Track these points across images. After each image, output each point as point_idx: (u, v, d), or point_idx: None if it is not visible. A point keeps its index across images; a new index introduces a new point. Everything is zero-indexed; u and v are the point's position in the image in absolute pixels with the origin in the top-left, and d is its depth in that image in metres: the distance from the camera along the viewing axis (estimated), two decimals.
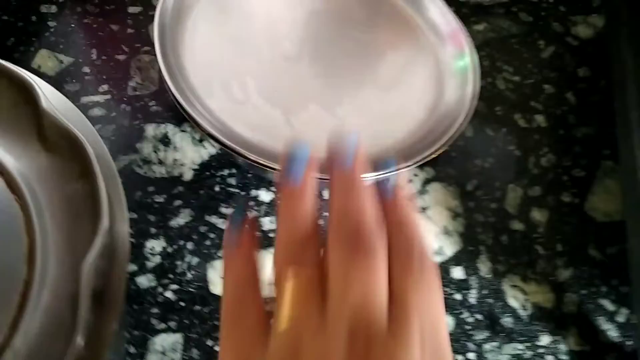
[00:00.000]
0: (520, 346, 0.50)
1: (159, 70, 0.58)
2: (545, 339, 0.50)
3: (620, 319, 0.52)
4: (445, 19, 0.61)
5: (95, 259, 0.30)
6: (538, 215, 0.57)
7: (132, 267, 0.47)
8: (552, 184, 0.60)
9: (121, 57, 0.59)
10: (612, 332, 0.52)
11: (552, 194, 0.59)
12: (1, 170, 0.33)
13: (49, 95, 0.37)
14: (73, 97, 0.54)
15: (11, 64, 0.36)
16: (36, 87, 0.35)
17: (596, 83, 0.68)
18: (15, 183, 0.33)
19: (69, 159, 0.34)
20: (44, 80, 0.40)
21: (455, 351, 0.48)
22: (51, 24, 0.59)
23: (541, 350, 0.50)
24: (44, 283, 0.31)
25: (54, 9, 0.60)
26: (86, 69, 0.57)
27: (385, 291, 0.24)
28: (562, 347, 0.50)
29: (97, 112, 0.54)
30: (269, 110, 0.51)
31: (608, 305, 0.53)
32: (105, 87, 0.56)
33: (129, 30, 0.61)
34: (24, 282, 0.31)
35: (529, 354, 0.49)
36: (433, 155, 0.49)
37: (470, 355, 0.48)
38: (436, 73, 0.59)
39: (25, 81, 0.35)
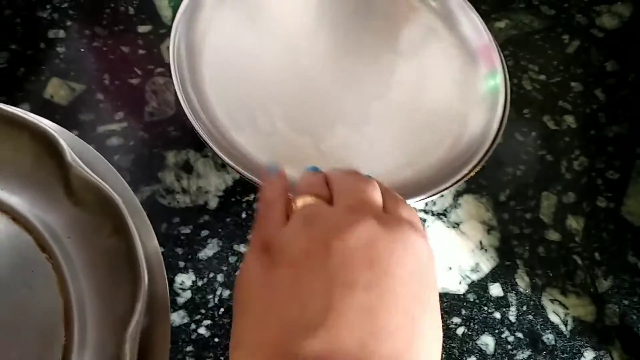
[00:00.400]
0: None
1: (175, 93, 0.57)
2: (589, 355, 0.49)
3: None
4: (477, 34, 0.58)
5: (138, 324, 0.29)
6: (574, 223, 0.55)
7: None
8: (587, 188, 0.58)
9: (135, 81, 0.57)
10: None
11: (587, 200, 0.57)
12: (29, 228, 0.32)
13: (71, 144, 0.35)
14: (89, 127, 0.53)
15: (32, 115, 0.35)
16: (60, 140, 0.33)
17: (625, 77, 0.66)
18: (44, 241, 0.32)
19: (99, 214, 0.33)
20: (58, 111, 0.39)
21: None
22: (60, 49, 0.58)
23: None
24: (83, 347, 0.30)
25: (62, 34, 0.58)
26: (100, 96, 0.55)
27: (381, 202, 0.30)
28: None
29: (114, 141, 0.53)
30: (298, 140, 0.50)
31: None
32: (121, 114, 0.55)
33: (141, 52, 0.59)
34: (62, 346, 0.30)
35: None
36: (463, 180, 0.48)
37: None
38: (465, 90, 0.56)
39: (48, 134, 0.33)
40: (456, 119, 0.54)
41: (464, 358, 0.47)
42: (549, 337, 0.49)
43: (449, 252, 0.53)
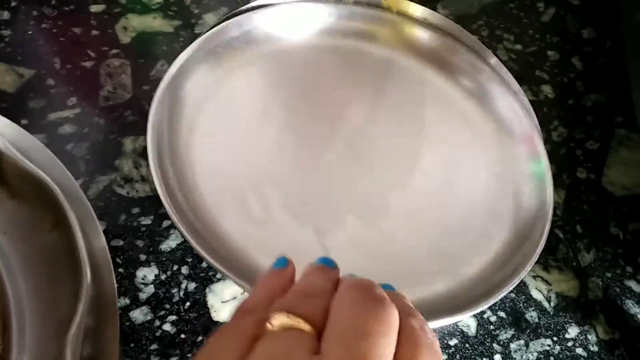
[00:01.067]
0: (548, 341, 0.47)
1: (132, 75, 0.53)
2: (573, 331, 0.47)
3: None
4: (517, 116, 0.49)
5: (80, 326, 0.26)
6: (555, 196, 0.53)
7: (124, 301, 0.43)
8: (566, 160, 0.56)
9: (88, 64, 0.53)
10: None
11: (567, 171, 0.55)
12: None
13: (9, 133, 0.32)
14: (39, 116, 0.50)
15: None
16: None
17: (602, 44, 0.64)
18: None
19: (38, 207, 0.30)
20: (4, 98, 0.35)
21: (481, 354, 0.45)
22: (5, 32, 0.54)
23: (570, 344, 0.47)
24: (22, 352, 0.27)
25: (6, 15, 0.55)
26: (50, 81, 0.52)
27: (392, 355, 0.21)
28: (591, 337, 0.47)
29: (67, 129, 0.49)
30: (297, 230, 0.41)
31: (635, 286, 0.50)
32: (73, 99, 0.51)
33: (94, 32, 0.55)
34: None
35: (557, 348, 0.46)
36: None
37: (497, 357, 0.45)
38: (504, 182, 0.47)
39: None
40: (494, 218, 0.45)
41: (446, 340, 0.45)
42: (532, 315, 0.48)
43: None
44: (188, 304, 0.44)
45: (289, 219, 0.42)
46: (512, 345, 0.46)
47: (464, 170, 0.48)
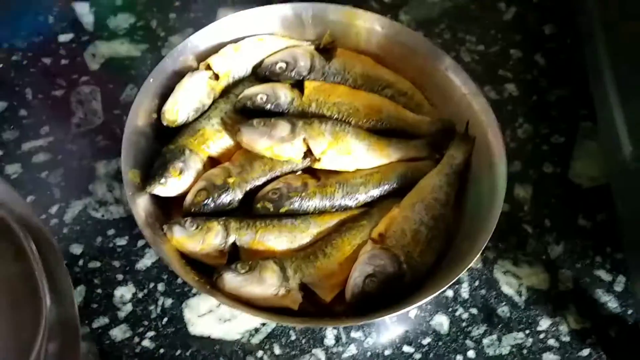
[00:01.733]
0: (520, 335, 0.48)
1: (102, 101, 0.55)
2: (544, 323, 0.48)
3: (618, 288, 0.50)
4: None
5: (39, 352, 0.27)
6: (522, 192, 0.55)
7: (104, 320, 0.44)
8: (532, 155, 0.57)
9: (59, 93, 0.55)
10: (612, 304, 0.50)
11: (533, 167, 0.56)
12: None
13: None
14: (14, 146, 0.51)
15: None
16: None
17: (564, 39, 0.65)
18: None
19: (1, 240, 0.31)
20: None
21: (454, 351, 0.46)
22: None
23: (542, 336, 0.48)
24: None
25: None
26: (23, 112, 0.53)
27: None
28: (563, 328, 0.48)
29: (41, 157, 0.51)
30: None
31: (604, 275, 0.51)
32: (46, 128, 0.52)
33: (63, 62, 0.57)
34: None
35: (529, 341, 0.47)
36: None
37: (470, 353, 0.46)
38: None
39: None
40: None
41: (419, 340, 0.46)
42: (503, 310, 0.49)
43: None
44: (165, 319, 0.45)
45: None
46: (485, 341, 0.47)
47: None
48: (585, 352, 0.47)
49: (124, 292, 0.46)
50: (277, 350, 0.45)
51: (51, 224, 0.47)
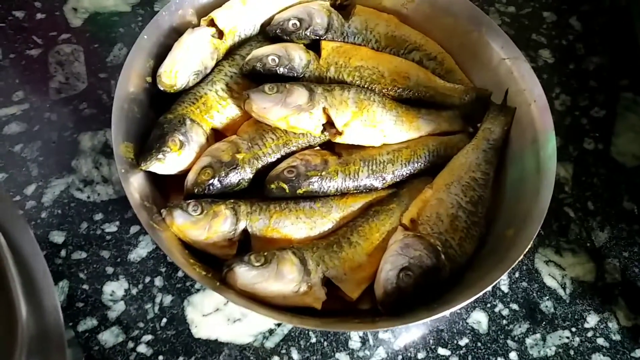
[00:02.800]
0: (566, 333, 0.42)
1: (86, 63, 0.47)
2: (592, 319, 0.43)
3: None
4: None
5: None
6: (562, 171, 0.49)
7: (91, 322, 0.38)
8: (572, 130, 0.51)
9: (34, 52, 0.47)
10: None
11: (573, 143, 0.50)
12: None
13: None
14: None
15: None
16: None
17: (601, 2, 0.59)
18: None
19: None
20: None
21: (494, 353, 0.41)
22: None
23: (590, 334, 0.42)
24: None
25: None
26: None
27: None
28: (612, 325, 0.43)
29: (14, 128, 0.43)
30: None
31: None
32: (20, 94, 0.45)
33: (39, 16, 0.49)
34: None
35: (577, 340, 0.42)
36: None
37: (512, 355, 0.41)
38: None
39: None
40: None
41: (455, 341, 0.41)
42: (547, 305, 0.43)
43: None
44: (164, 320, 0.39)
45: None
46: (528, 341, 0.42)
47: None
48: (639, 352, 0.42)
49: (115, 288, 0.39)
50: (295, 355, 0.39)
51: (27, 208, 0.40)
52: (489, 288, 0.36)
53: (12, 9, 0.48)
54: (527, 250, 0.37)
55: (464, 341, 0.41)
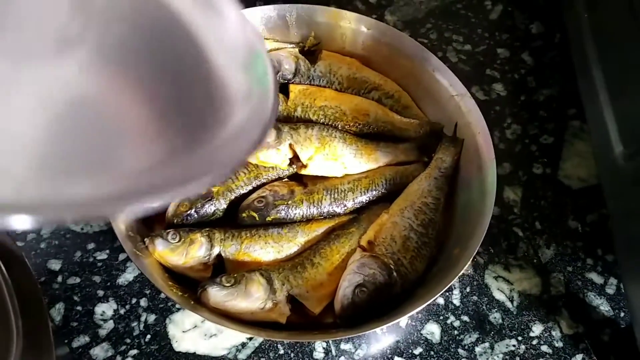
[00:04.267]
0: (512, 342, 0.47)
1: None
2: (537, 329, 0.48)
3: (610, 290, 0.50)
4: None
5: None
6: (512, 194, 0.54)
7: (84, 339, 0.43)
8: (521, 157, 0.56)
9: None
10: (604, 307, 0.49)
11: (522, 168, 0.56)
12: None
13: None
14: None
15: None
16: None
17: (552, 38, 0.65)
18: None
19: None
20: None
21: None
22: None
23: (534, 342, 0.47)
24: None
25: None
26: None
27: None
28: (556, 333, 0.48)
29: None
30: None
31: (596, 278, 0.50)
32: None
33: None
34: None
35: (522, 348, 0.47)
36: None
37: None
38: None
39: None
40: None
41: (410, 350, 0.45)
42: (495, 317, 0.48)
43: None
44: (149, 336, 0.43)
45: None
46: (477, 349, 0.46)
47: None
48: (579, 357, 0.47)
49: (105, 309, 0.44)
50: None
51: (28, 239, 0.46)
52: (431, 301, 0.40)
53: None
54: (467, 266, 0.42)
55: (418, 350, 0.46)
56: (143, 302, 0.45)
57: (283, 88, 0.52)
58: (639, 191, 0.43)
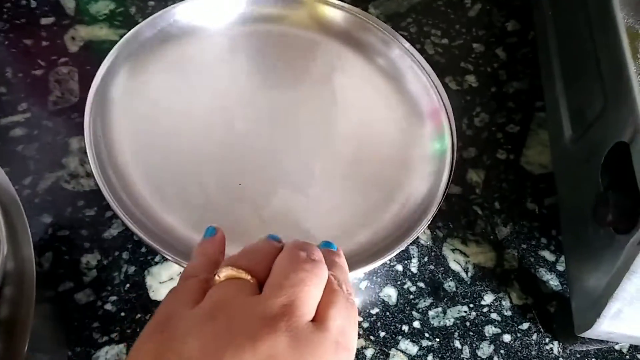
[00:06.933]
0: (464, 308, 0.51)
1: (79, 81, 0.58)
2: (488, 298, 0.51)
3: (561, 267, 0.54)
4: (427, 95, 0.55)
5: None
6: (474, 176, 0.58)
7: (69, 284, 0.47)
8: (487, 143, 0.60)
9: (38, 72, 0.58)
10: (553, 282, 0.53)
11: (487, 153, 0.59)
12: None
13: None
14: None
15: None
16: None
17: (525, 35, 0.68)
18: None
19: None
20: None
21: (400, 321, 0.49)
22: None
23: (485, 310, 0.51)
24: None
25: None
26: (2, 89, 0.56)
27: (318, 300, 0.26)
28: (506, 303, 0.51)
29: (18, 132, 0.54)
30: (236, 209, 0.46)
31: (548, 255, 0.54)
32: (24, 105, 0.55)
33: (44, 43, 0.59)
34: None
35: (473, 314, 0.50)
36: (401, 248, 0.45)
37: (416, 323, 0.49)
38: (411, 147, 0.52)
39: None
40: (406, 170, 0.51)
41: (368, 310, 0.49)
42: (450, 285, 0.52)
43: None
44: (128, 285, 0.48)
45: (226, 200, 0.46)
46: (431, 313, 0.50)
47: (376, 131, 0.53)
48: (525, 325, 0.50)
49: (90, 259, 0.48)
50: None
51: (24, 194, 0.50)
52: (388, 257, 0.44)
53: (23, 37, 0.59)
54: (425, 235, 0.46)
55: (375, 310, 0.49)
56: (125, 255, 0.49)
57: None
58: (580, 171, 0.47)
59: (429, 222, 0.46)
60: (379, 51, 0.57)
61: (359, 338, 0.48)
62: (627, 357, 0.51)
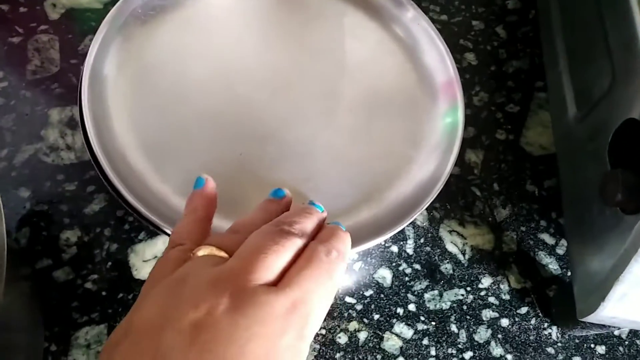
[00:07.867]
0: (461, 291, 0.49)
1: (60, 50, 0.55)
2: (486, 281, 0.50)
3: (560, 251, 0.52)
4: (442, 67, 0.51)
5: None
6: (473, 156, 0.56)
7: (47, 262, 0.45)
8: (486, 122, 0.58)
9: (16, 40, 0.54)
10: (553, 266, 0.51)
11: (486, 133, 0.57)
12: None
13: None
14: None
15: None
16: None
17: (526, 14, 0.66)
18: None
19: None
20: None
21: (395, 304, 0.47)
22: None
23: (482, 293, 0.49)
24: None
25: None
26: None
27: (283, 269, 0.26)
28: (504, 286, 0.50)
29: None
30: (235, 180, 0.43)
31: (548, 239, 0.52)
32: (0, 74, 0.52)
33: (22, 9, 0.56)
34: None
35: (470, 298, 0.49)
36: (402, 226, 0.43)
37: (411, 306, 0.47)
38: (421, 122, 0.49)
39: None
40: (412, 145, 0.48)
41: (362, 292, 0.47)
42: (446, 267, 0.50)
43: None
44: (110, 263, 0.45)
45: (226, 170, 0.43)
46: (427, 295, 0.48)
47: (383, 103, 0.49)
48: (524, 309, 0.49)
49: (70, 235, 0.46)
50: None
51: (0, 167, 0.47)
52: (385, 238, 0.42)
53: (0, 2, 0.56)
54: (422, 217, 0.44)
55: (369, 292, 0.48)
56: (107, 232, 0.46)
57: None
58: (585, 151, 0.45)
59: (432, 199, 0.43)
60: (393, 16, 0.53)
61: (351, 320, 0.46)
62: (626, 342, 0.49)
